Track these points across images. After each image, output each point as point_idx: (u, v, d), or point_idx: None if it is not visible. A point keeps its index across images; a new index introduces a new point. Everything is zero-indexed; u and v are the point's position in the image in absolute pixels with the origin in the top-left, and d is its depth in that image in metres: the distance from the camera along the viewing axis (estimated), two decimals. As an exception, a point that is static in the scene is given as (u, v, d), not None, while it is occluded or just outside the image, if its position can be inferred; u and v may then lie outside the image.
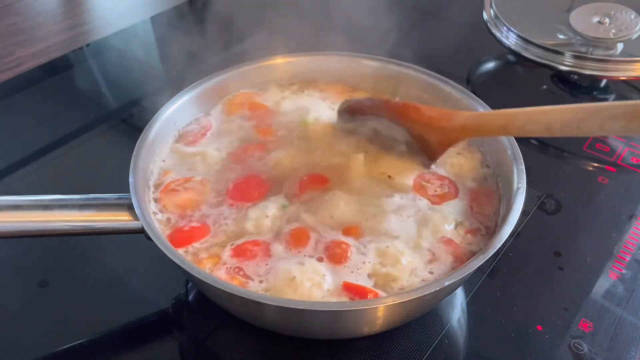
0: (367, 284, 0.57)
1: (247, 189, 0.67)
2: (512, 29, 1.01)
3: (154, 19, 1.27)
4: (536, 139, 0.90)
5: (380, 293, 0.56)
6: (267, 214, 0.63)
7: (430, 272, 0.59)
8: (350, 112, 0.75)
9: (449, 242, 0.62)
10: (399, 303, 0.53)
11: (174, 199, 0.66)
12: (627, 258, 0.72)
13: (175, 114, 0.74)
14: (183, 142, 0.74)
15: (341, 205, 0.63)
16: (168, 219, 0.64)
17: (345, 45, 0.87)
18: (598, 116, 0.52)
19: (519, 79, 1.07)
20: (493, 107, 0.72)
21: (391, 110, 0.70)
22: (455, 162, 0.71)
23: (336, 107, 0.77)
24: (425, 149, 0.69)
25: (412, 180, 0.68)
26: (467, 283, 0.69)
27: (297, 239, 0.61)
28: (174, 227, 0.63)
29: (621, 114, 0.50)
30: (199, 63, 1.02)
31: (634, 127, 0.50)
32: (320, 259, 0.60)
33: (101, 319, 0.65)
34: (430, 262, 0.60)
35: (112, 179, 0.66)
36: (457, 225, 0.63)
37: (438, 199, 0.66)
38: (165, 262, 0.55)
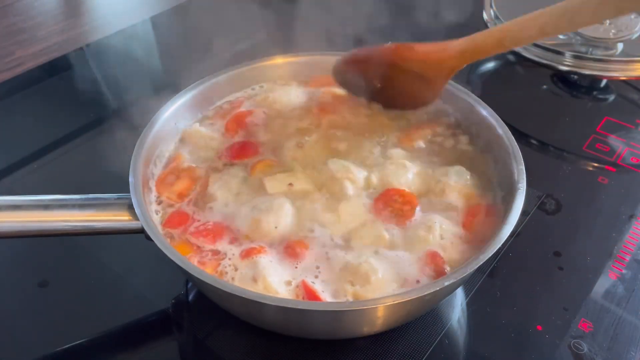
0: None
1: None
2: (512, 29, 1.01)
3: (154, 19, 1.27)
4: (536, 138, 0.90)
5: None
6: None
7: None
8: (345, 68, 0.75)
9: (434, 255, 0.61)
10: (399, 303, 0.53)
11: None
12: (627, 258, 0.72)
13: (175, 114, 0.74)
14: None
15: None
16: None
17: (345, 46, 0.87)
18: (589, 5, 0.53)
19: (519, 79, 1.07)
20: (493, 107, 0.72)
21: (386, 55, 0.70)
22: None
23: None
24: (425, 89, 0.70)
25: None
26: (467, 283, 0.68)
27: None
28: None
29: None
30: (199, 63, 1.02)
31: (626, 5, 0.50)
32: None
33: (101, 319, 0.65)
34: None
35: (112, 179, 0.66)
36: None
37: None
38: (165, 262, 0.55)
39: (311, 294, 0.56)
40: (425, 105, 0.75)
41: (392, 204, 0.64)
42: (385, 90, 0.74)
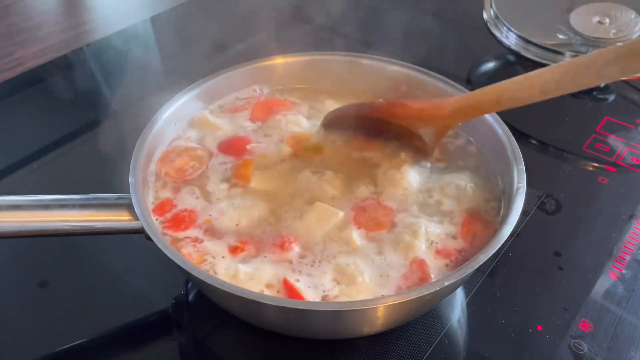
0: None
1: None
2: (512, 29, 1.01)
3: (154, 19, 1.27)
4: (536, 138, 0.90)
5: None
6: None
7: None
8: (336, 122, 0.74)
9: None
10: (399, 303, 0.53)
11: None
12: (627, 258, 0.72)
13: (175, 114, 0.74)
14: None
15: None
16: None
17: (345, 46, 0.87)
18: (593, 66, 0.51)
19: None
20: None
21: (378, 112, 0.70)
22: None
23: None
24: (418, 144, 0.69)
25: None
26: (467, 283, 0.68)
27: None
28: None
29: (616, 57, 0.49)
30: (199, 63, 1.02)
31: (632, 67, 0.49)
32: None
33: (101, 319, 0.65)
34: None
35: (112, 179, 0.66)
36: None
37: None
38: (165, 262, 0.55)
39: (293, 292, 0.57)
40: (423, 158, 0.72)
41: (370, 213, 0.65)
42: (378, 142, 0.72)
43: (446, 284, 0.53)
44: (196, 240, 0.62)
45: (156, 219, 0.64)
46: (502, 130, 0.68)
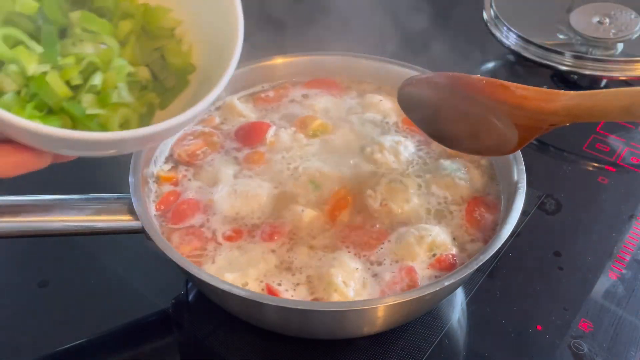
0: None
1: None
2: (512, 29, 1.01)
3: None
4: (536, 138, 0.90)
5: None
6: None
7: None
8: (417, 91, 0.65)
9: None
10: (399, 303, 0.53)
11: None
12: (627, 258, 0.72)
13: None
14: None
15: None
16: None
17: (345, 45, 0.87)
18: None
19: (519, 79, 1.07)
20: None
21: (473, 88, 0.58)
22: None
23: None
24: (507, 138, 0.59)
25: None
26: (467, 283, 0.68)
27: None
28: None
29: None
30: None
31: None
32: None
33: (101, 319, 0.65)
34: None
35: (112, 179, 0.66)
36: None
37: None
38: (165, 262, 0.55)
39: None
40: (498, 155, 0.66)
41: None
42: (455, 126, 0.63)
43: (446, 283, 0.53)
44: (193, 228, 0.63)
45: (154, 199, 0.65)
46: (502, 130, 0.68)
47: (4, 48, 0.46)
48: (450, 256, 0.60)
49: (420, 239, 0.60)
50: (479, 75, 0.59)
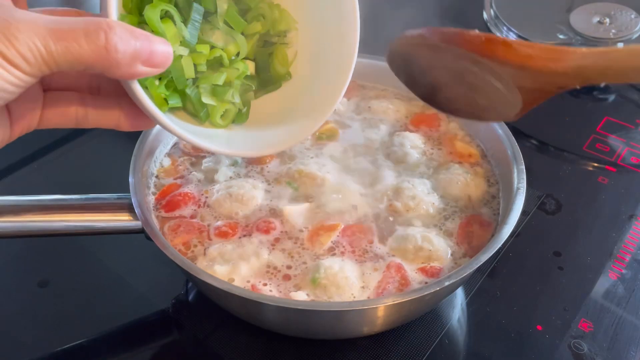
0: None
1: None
2: (512, 29, 1.01)
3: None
4: (536, 138, 0.90)
5: None
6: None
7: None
8: (409, 51, 0.57)
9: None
10: (399, 303, 0.53)
11: None
12: (627, 258, 0.72)
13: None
14: None
15: None
16: None
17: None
18: None
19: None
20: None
21: (471, 45, 0.51)
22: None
23: None
24: (508, 102, 0.53)
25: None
26: (467, 283, 0.68)
27: None
28: None
29: None
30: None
31: None
32: None
33: (101, 319, 0.65)
34: None
35: (112, 179, 0.66)
36: None
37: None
38: (165, 262, 0.55)
39: None
40: (499, 120, 0.64)
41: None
42: (451, 89, 0.57)
43: (446, 284, 0.53)
44: (186, 218, 0.64)
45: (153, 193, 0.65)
46: (502, 131, 0.68)
47: (158, 23, 0.47)
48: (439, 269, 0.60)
49: (420, 249, 0.60)
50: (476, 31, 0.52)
